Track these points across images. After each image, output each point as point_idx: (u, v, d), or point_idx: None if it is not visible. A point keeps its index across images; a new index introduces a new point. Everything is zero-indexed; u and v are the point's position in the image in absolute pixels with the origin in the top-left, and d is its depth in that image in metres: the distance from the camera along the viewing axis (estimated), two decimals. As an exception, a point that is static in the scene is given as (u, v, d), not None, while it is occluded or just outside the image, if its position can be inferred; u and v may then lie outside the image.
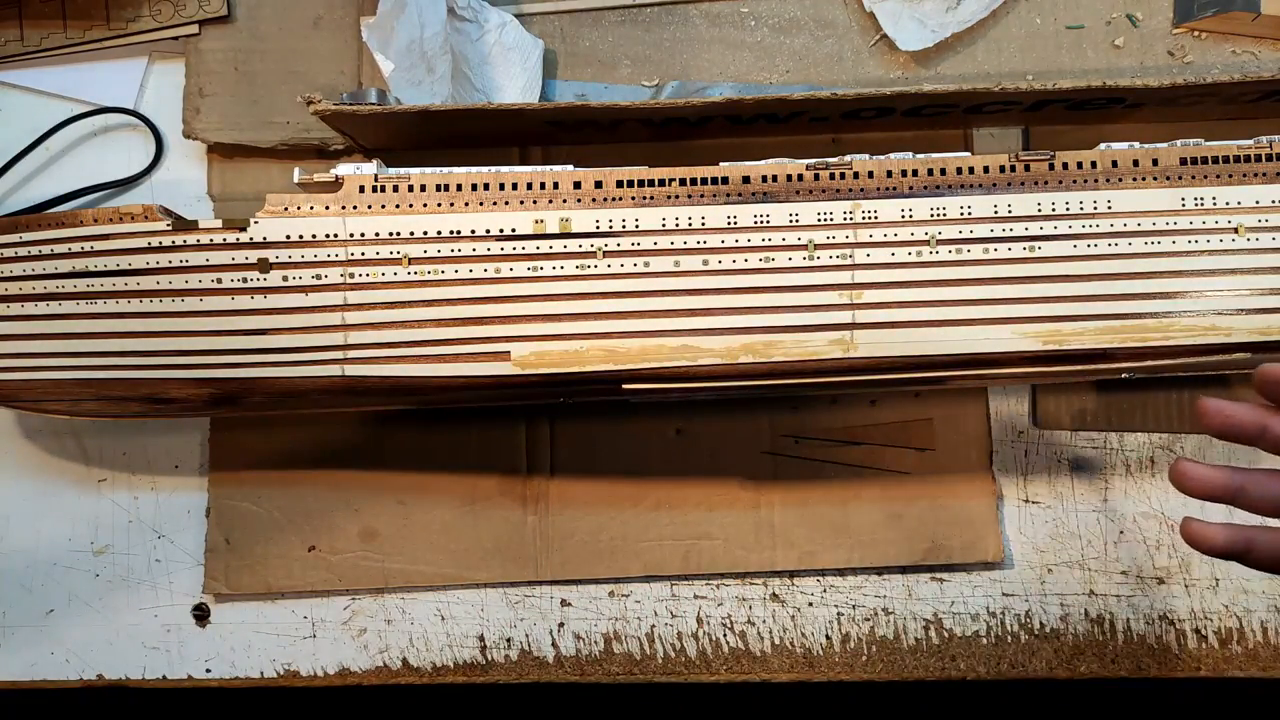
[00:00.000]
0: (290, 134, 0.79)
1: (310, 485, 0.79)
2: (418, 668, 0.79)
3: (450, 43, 0.76)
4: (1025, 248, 0.66)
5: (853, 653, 0.78)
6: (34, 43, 0.81)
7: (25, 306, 0.69)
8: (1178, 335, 0.65)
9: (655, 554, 0.78)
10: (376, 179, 0.67)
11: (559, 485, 0.79)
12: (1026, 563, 0.78)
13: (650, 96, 0.79)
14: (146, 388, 0.69)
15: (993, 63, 0.79)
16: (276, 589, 0.79)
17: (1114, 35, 0.79)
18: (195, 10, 0.80)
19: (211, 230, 0.67)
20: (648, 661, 0.78)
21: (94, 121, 0.82)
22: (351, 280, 0.67)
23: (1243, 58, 0.78)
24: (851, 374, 0.67)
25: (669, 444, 0.79)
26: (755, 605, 0.78)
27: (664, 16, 0.80)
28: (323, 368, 0.67)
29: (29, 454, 0.81)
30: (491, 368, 0.66)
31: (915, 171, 0.66)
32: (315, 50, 0.80)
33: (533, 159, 0.80)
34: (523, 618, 0.79)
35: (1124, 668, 0.77)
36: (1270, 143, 0.66)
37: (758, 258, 0.66)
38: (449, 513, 0.79)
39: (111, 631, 0.80)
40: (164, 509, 0.81)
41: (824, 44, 0.80)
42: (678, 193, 0.67)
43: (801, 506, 0.78)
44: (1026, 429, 0.79)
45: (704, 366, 0.66)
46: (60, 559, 0.81)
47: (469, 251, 0.66)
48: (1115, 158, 0.66)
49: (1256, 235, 0.65)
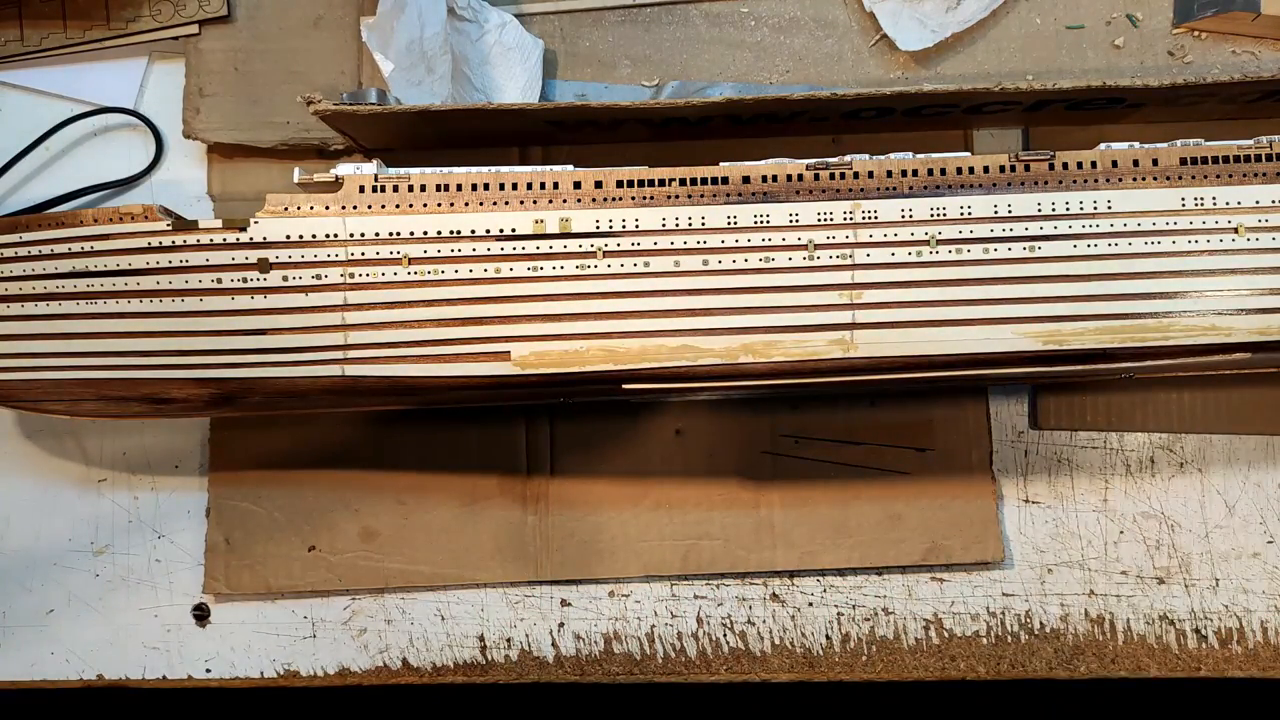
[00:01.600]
0: (290, 134, 0.79)
1: (310, 485, 0.79)
2: (418, 668, 0.79)
3: (450, 43, 0.76)
4: (1025, 248, 0.66)
5: (853, 653, 0.78)
6: (34, 43, 0.81)
7: (25, 306, 0.69)
8: (1178, 335, 0.65)
9: (655, 554, 0.78)
10: (376, 179, 0.67)
11: (559, 485, 0.79)
12: (1026, 563, 0.78)
13: (650, 96, 0.79)
14: (147, 388, 0.69)
15: (993, 63, 0.79)
16: (276, 589, 0.79)
17: (1114, 35, 0.79)
18: (195, 10, 0.80)
19: (211, 230, 0.67)
20: (648, 661, 0.78)
21: (94, 121, 0.82)
22: (351, 280, 0.67)
23: (1243, 58, 0.78)
24: (851, 374, 0.67)
25: (669, 444, 0.79)
26: (755, 605, 0.78)
27: (664, 16, 0.80)
28: (323, 368, 0.67)
29: (29, 454, 0.81)
30: (491, 368, 0.66)
31: (915, 171, 0.66)
32: (315, 50, 0.80)
33: (533, 159, 0.80)
34: (523, 618, 0.79)
35: (1124, 668, 0.77)
36: (1270, 143, 0.66)
37: (758, 258, 0.66)
38: (449, 513, 0.79)
39: (111, 631, 0.80)
40: (164, 509, 0.81)
41: (824, 44, 0.80)
42: (678, 193, 0.67)
43: (801, 506, 0.78)
44: (1026, 429, 0.79)
45: (704, 366, 0.66)
46: (60, 559, 0.81)
47: (469, 251, 0.66)
48: (1115, 158, 0.66)
49: (1256, 235, 0.65)
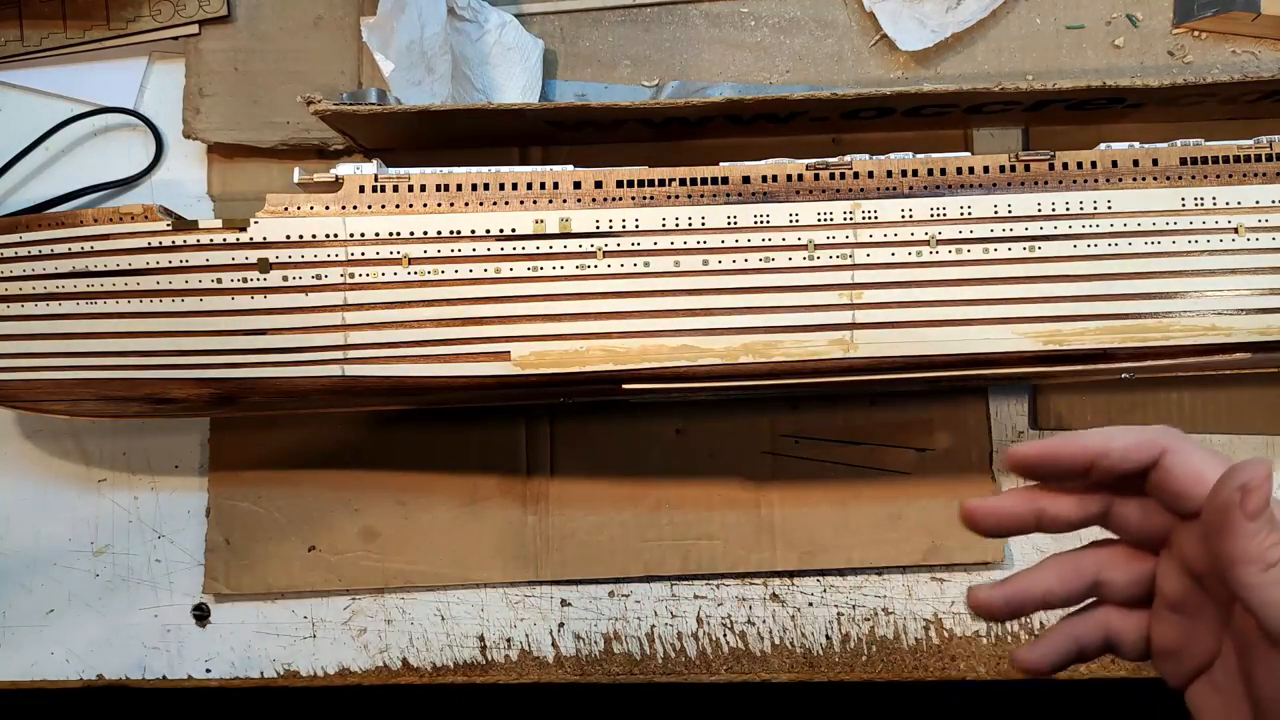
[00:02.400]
0: (290, 134, 0.79)
1: (310, 485, 0.79)
2: (418, 668, 0.79)
3: (450, 43, 0.76)
4: (1025, 248, 0.66)
5: (853, 653, 0.78)
6: (34, 43, 0.81)
7: (25, 306, 0.69)
8: (1178, 335, 0.65)
9: (655, 554, 0.78)
10: (376, 179, 0.67)
11: (559, 485, 0.79)
12: (1026, 563, 0.78)
13: (650, 96, 0.79)
14: (147, 388, 0.69)
15: (993, 63, 0.79)
16: (276, 589, 0.79)
17: (1114, 35, 0.79)
18: (195, 10, 0.80)
19: (211, 230, 0.67)
20: (648, 661, 0.78)
21: (94, 121, 0.82)
22: (351, 280, 0.67)
23: (1243, 58, 0.78)
24: (851, 374, 0.67)
25: (669, 444, 0.79)
26: (755, 605, 0.78)
27: (664, 16, 0.80)
28: (323, 368, 0.67)
29: (29, 454, 0.81)
30: (491, 368, 0.66)
31: (915, 171, 0.66)
32: (315, 50, 0.80)
33: (533, 159, 0.80)
34: (523, 618, 0.79)
35: (1124, 668, 0.77)
36: (1270, 143, 0.66)
37: (758, 258, 0.66)
38: (449, 513, 0.79)
39: (111, 631, 0.80)
40: (164, 509, 0.81)
41: (824, 44, 0.80)
42: (678, 193, 0.67)
43: (801, 506, 0.78)
44: (1026, 429, 0.79)
45: (704, 366, 0.66)
46: (60, 559, 0.81)
47: (469, 251, 0.67)
48: (1115, 158, 0.66)
49: (1256, 235, 0.65)
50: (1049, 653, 0.46)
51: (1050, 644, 0.46)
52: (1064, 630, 0.46)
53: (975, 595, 0.46)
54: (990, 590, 0.46)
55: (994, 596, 0.46)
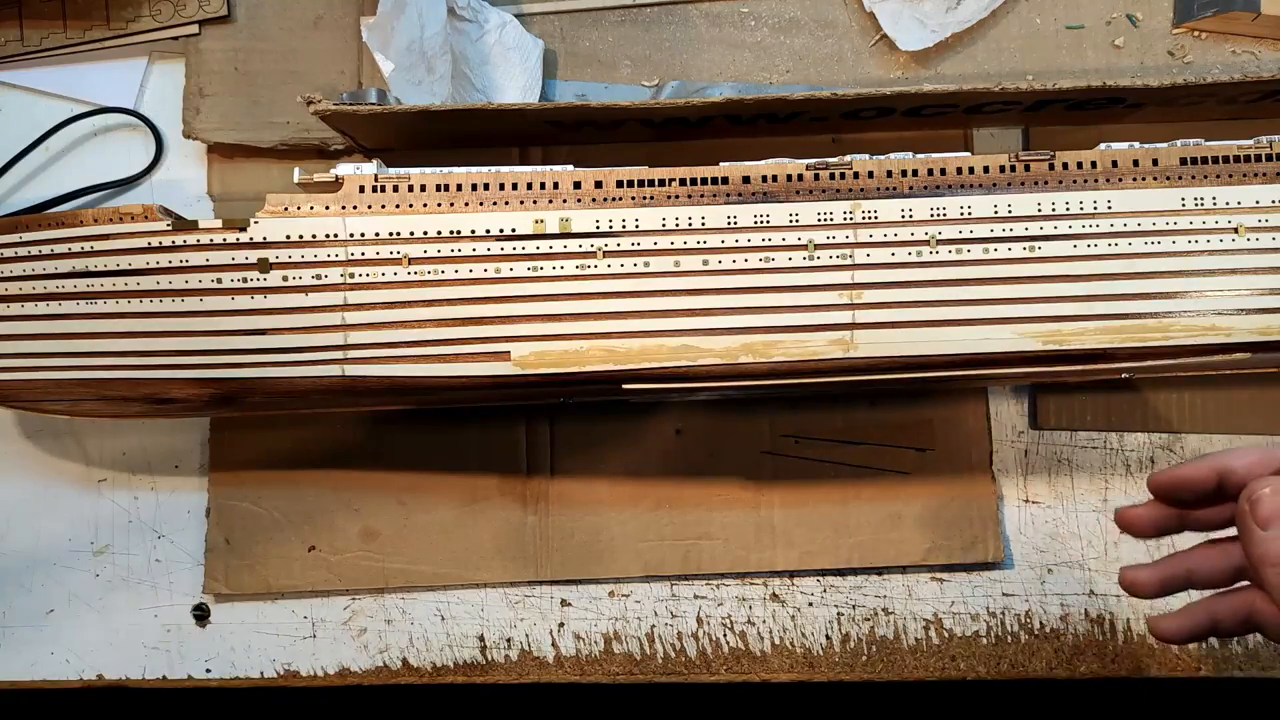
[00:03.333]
0: (290, 134, 0.79)
1: (310, 485, 0.79)
2: (418, 668, 0.79)
3: (450, 43, 0.76)
4: (1025, 248, 0.66)
5: (853, 653, 0.78)
6: (34, 43, 0.81)
7: (25, 306, 0.69)
8: (1178, 335, 0.65)
9: (655, 554, 0.78)
10: (376, 179, 0.67)
11: (559, 485, 0.79)
12: (1026, 563, 0.78)
13: (650, 96, 0.79)
14: (147, 388, 0.69)
15: (993, 63, 0.79)
16: (276, 589, 0.79)
17: (1114, 35, 0.79)
18: (195, 10, 0.80)
19: (211, 230, 0.67)
20: (648, 661, 0.78)
21: (94, 121, 0.82)
22: (351, 280, 0.67)
23: (1243, 58, 0.78)
24: (851, 374, 0.67)
25: (669, 444, 0.79)
26: (755, 605, 0.78)
27: (664, 16, 0.80)
28: (323, 368, 0.67)
29: (29, 454, 0.81)
30: (491, 368, 0.66)
31: (915, 171, 0.66)
32: (315, 50, 0.80)
33: (533, 159, 0.80)
34: (523, 618, 0.79)
35: (1124, 668, 0.77)
36: (1270, 143, 0.66)
37: (758, 258, 0.66)
38: (449, 513, 0.79)
39: (111, 631, 0.80)
40: (164, 509, 0.81)
41: (824, 44, 0.80)
42: (678, 193, 0.67)
43: (801, 506, 0.78)
44: (1026, 429, 0.79)
45: (704, 366, 0.66)
46: (60, 559, 0.81)
47: (469, 251, 0.67)
48: (1115, 158, 0.66)
49: (1256, 235, 0.65)
50: (1186, 625, 0.53)
51: (1188, 617, 0.53)
52: (1203, 607, 0.53)
53: (1128, 575, 0.54)
54: (1144, 571, 0.54)
55: (1149, 577, 0.54)
